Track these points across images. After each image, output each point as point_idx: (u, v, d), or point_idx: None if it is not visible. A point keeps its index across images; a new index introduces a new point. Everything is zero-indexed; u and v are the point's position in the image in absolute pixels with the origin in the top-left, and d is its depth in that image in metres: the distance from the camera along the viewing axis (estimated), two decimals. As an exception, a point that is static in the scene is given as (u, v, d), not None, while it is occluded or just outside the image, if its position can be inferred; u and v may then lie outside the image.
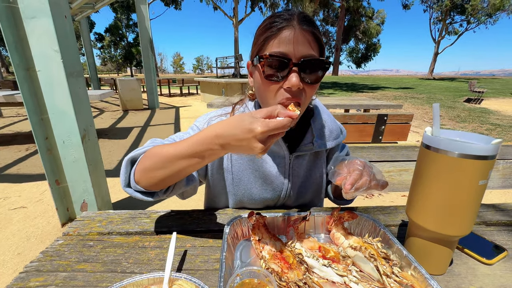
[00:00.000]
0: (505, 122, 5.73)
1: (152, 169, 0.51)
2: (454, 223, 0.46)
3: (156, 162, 0.50)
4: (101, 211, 0.71)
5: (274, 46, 0.54)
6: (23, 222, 2.03)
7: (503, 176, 1.34)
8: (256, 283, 0.42)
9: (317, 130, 0.72)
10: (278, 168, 0.71)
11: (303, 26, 0.54)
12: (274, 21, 0.55)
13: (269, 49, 0.55)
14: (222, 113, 0.73)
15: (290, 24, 0.54)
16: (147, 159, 0.53)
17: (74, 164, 1.77)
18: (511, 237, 0.62)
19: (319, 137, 0.72)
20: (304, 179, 0.75)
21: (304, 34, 0.53)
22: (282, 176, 0.72)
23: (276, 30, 0.54)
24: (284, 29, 0.53)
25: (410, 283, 0.45)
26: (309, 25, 0.54)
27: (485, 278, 0.50)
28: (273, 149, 0.71)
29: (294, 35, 0.53)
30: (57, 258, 0.53)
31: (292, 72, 0.53)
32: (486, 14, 25.99)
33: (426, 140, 0.47)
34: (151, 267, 0.51)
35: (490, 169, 0.43)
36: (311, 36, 0.54)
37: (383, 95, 11.14)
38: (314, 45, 0.55)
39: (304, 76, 0.55)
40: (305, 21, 0.54)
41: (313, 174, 0.76)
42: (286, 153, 0.70)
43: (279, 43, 0.54)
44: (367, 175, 0.52)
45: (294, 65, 0.53)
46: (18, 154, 3.55)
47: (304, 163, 0.74)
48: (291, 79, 0.53)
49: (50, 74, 1.56)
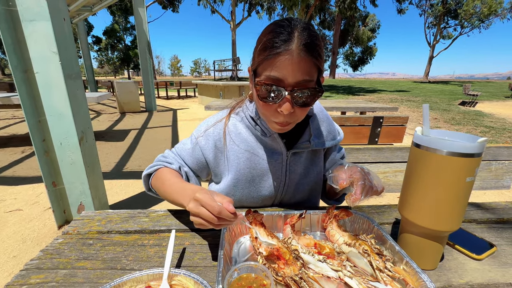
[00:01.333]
0: (499, 125, 5.82)
1: (158, 190, 0.70)
2: (443, 219, 0.48)
3: (159, 189, 0.69)
4: (100, 211, 0.72)
5: (270, 69, 0.54)
6: (19, 224, 2.02)
7: (496, 177, 1.37)
8: (253, 277, 0.44)
9: (315, 130, 0.74)
10: (275, 164, 0.73)
11: (301, 53, 0.53)
12: (274, 41, 0.53)
13: (265, 69, 0.55)
14: (218, 120, 0.76)
15: (289, 48, 0.52)
16: (156, 180, 0.70)
17: (72, 166, 1.76)
18: (500, 234, 0.64)
19: (316, 136, 0.74)
20: (301, 177, 0.77)
21: (301, 62, 0.53)
22: (279, 172, 0.74)
23: (274, 54, 0.53)
24: (282, 54, 0.53)
25: (402, 277, 0.46)
26: (307, 52, 0.53)
27: (474, 272, 0.52)
28: (271, 146, 0.72)
29: (290, 63, 0.53)
30: (57, 256, 0.54)
31: (284, 98, 0.55)
32: (478, 19, 26.50)
33: (417, 140, 0.49)
34: (151, 264, 0.52)
35: (476, 166, 0.45)
36: (308, 63, 0.54)
37: (380, 98, 11.26)
38: (311, 70, 0.55)
39: (297, 101, 0.57)
40: (305, 46, 0.53)
41: (311, 171, 0.78)
42: (283, 149, 0.72)
43: (275, 68, 0.54)
44: (369, 182, 0.54)
45: (287, 93, 0.55)
46: (13, 157, 3.52)
47: (302, 161, 0.76)
48: (282, 104, 0.56)
49: (48, 76, 1.56)
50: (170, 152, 0.78)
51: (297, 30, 0.54)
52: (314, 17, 29.41)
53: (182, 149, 0.76)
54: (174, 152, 0.77)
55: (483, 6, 25.13)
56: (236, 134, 0.73)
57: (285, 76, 0.54)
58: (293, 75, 0.53)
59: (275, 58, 0.53)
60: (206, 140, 0.73)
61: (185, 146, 0.76)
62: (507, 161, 1.34)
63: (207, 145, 0.73)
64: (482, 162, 1.34)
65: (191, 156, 0.75)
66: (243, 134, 0.73)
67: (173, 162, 0.73)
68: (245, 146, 0.72)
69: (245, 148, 0.72)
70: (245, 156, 0.72)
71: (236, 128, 0.73)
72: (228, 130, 0.73)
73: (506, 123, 6.10)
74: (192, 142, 0.75)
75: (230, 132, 0.73)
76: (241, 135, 0.73)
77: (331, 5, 25.92)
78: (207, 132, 0.74)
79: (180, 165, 0.73)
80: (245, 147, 0.72)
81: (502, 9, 25.64)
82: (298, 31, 0.54)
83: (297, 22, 0.56)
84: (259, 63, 0.57)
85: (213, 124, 0.75)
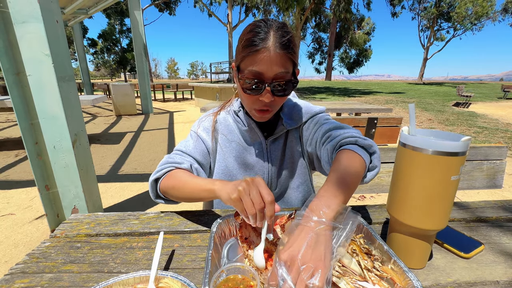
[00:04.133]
0: (492, 125, 5.90)
1: (174, 190, 0.65)
2: (430, 218, 0.48)
3: (175, 188, 0.65)
4: (90, 214, 0.71)
5: (252, 65, 0.62)
6: (11, 229, 1.99)
7: (487, 177, 1.38)
8: (240, 278, 0.44)
9: (285, 114, 0.78)
10: (257, 154, 0.79)
11: (277, 50, 0.60)
12: (252, 40, 0.60)
13: (247, 65, 0.63)
14: (210, 113, 0.84)
15: (267, 46, 0.60)
16: (170, 182, 0.66)
17: (65, 169, 1.75)
18: (488, 233, 0.65)
19: (288, 118, 0.78)
20: (281, 161, 0.81)
21: (277, 57, 0.60)
22: (262, 161, 0.79)
23: (254, 51, 0.60)
24: (260, 52, 0.60)
25: (389, 276, 0.46)
26: (282, 47, 0.60)
27: (462, 270, 0.52)
28: (251, 136, 0.79)
29: (268, 59, 0.60)
30: (43, 260, 0.53)
31: (265, 90, 0.63)
32: (470, 21, 26.93)
33: (403, 139, 0.50)
34: (138, 266, 0.52)
35: (461, 165, 0.45)
36: (283, 58, 0.61)
37: (375, 99, 11.36)
38: (286, 64, 0.63)
39: (275, 91, 0.64)
40: (280, 43, 0.60)
41: (287, 153, 0.81)
42: (262, 139, 0.79)
43: (256, 63, 0.61)
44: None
45: (267, 85, 0.62)
46: (6, 160, 3.48)
47: (280, 146, 0.80)
48: (264, 94, 0.64)
49: (41, 78, 1.55)
50: (174, 154, 0.75)
51: (272, 30, 0.61)
52: (310, 20, 29.66)
53: (186, 146, 0.77)
54: (179, 151, 0.76)
55: (475, 9, 25.58)
56: (225, 125, 0.81)
57: (264, 70, 0.61)
58: (271, 69, 0.61)
59: (255, 55, 0.61)
60: (204, 131, 0.80)
61: (187, 143, 0.78)
62: (498, 160, 1.35)
63: (207, 136, 0.79)
64: (474, 162, 1.35)
65: (197, 149, 0.77)
66: (231, 125, 0.81)
67: (182, 162, 0.71)
68: (231, 137, 0.80)
69: (232, 139, 0.80)
70: (232, 146, 0.79)
71: (225, 120, 0.82)
72: (219, 122, 0.82)
73: (499, 123, 6.18)
74: (193, 137, 0.80)
75: (220, 123, 0.81)
76: (229, 126, 0.81)
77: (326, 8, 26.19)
78: (203, 125, 0.81)
79: (190, 163, 0.72)
80: (232, 137, 0.80)
81: (493, 11, 26.12)
82: (274, 30, 0.61)
83: (272, 22, 0.63)
84: (241, 60, 0.64)
85: (206, 115, 0.83)
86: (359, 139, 0.61)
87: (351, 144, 0.62)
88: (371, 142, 0.62)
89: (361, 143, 0.61)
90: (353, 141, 0.62)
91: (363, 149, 0.61)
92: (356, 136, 0.63)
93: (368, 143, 0.61)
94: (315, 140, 0.73)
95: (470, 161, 1.32)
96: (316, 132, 0.74)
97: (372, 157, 0.61)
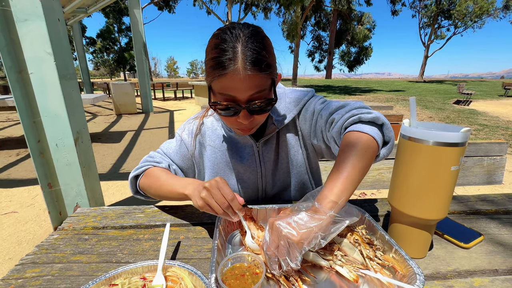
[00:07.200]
0: (492, 123, 5.90)
1: (150, 187, 0.68)
2: (430, 208, 0.49)
3: (151, 186, 0.67)
4: (95, 207, 0.72)
5: (223, 89, 0.56)
6: (14, 227, 2.00)
7: (488, 173, 1.39)
8: (246, 266, 0.45)
9: (274, 112, 0.73)
10: (248, 157, 0.75)
11: (248, 71, 0.53)
12: (219, 61, 0.53)
13: (218, 88, 0.57)
14: (196, 117, 0.81)
15: (236, 68, 0.52)
16: (147, 180, 0.69)
17: (67, 167, 1.76)
18: (488, 224, 0.66)
19: (277, 114, 0.73)
20: (274, 162, 0.77)
21: (249, 78, 0.53)
22: (254, 164, 0.76)
23: (223, 74, 0.53)
24: (229, 74, 0.53)
25: (391, 264, 0.48)
26: (253, 66, 0.53)
27: (461, 260, 0.53)
28: (241, 140, 0.75)
29: (239, 81, 0.53)
30: (52, 251, 0.54)
31: (241, 112, 0.58)
32: (471, 19, 26.84)
33: (404, 131, 0.51)
34: (146, 257, 0.53)
35: (461, 155, 0.46)
36: (256, 78, 0.54)
37: (376, 97, 11.35)
38: (261, 82, 0.56)
39: (253, 111, 0.58)
40: (251, 62, 0.53)
41: (280, 154, 0.77)
42: (252, 141, 0.74)
43: (227, 88, 0.55)
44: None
45: (242, 108, 0.57)
46: (8, 159, 3.49)
47: (272, 147, 0.76)
48: (241, 117, 0.58)
49: (43, 76, 1.56)
50: (156, 152, 0.77)
51: (240, 43, 0.53)
52: (310, 18, 29.59)
53: (168, 148, 0.77)
54: (160, 152, 0.77)
55: (475, 7, 25.49)
56: (213, 130, 0.77)
57: (237, 93, 0.55)
58: (244, 91, 0.55)
59: (224, 77, 0.54)
60: (189, 136, 0.77)
61: (170, 145, 0.77)
62: (499, 156, 1.36)
63: (191, 141, 0.77)
64: (474, 158, 1.36)
65: (177, 153, 0.76)
66: (219, 130, 0.77)
67: (161, 161, 0.73)
68: (220, 142, 0.76)
69: (221, 144, 0.76)
70: (220, 151, 0.76)
71: (213, 125, 0.78)
72: (206, 127, 0.78)
73: (500, 121, 6.19)
74: (177, 140, 0.78)
75: (207, 128, 0.78)
76: (216, 131, 0.77)
77: (326, 5, 26.09)
78: (188, 128, 0.78)
79: (168, 163, 0.74)
80: (220, 142, 0.76)
81: (494, 8, 26.02)
82: (242, 44, 0.53)
83: (239, 31, 0.54)
84: (211, 81, 0.57)
85: (192, 119, 0.80)
86: (362, 115, 0.56)
87: (354, 123, 0.57)
88: (376, 114, 0.56)
89: (365, 119, 0.56)
90: (356, 119, 0.57)
91: (369, 124, 0.56)
92: (357, 113, 0.57)
93: (372, 116, 0.56)
94: (319, 130, 0.68)
95: (470, 157, 1.34)
96: (318, 122, 0.68)
97: (383, 129, 0.56)
